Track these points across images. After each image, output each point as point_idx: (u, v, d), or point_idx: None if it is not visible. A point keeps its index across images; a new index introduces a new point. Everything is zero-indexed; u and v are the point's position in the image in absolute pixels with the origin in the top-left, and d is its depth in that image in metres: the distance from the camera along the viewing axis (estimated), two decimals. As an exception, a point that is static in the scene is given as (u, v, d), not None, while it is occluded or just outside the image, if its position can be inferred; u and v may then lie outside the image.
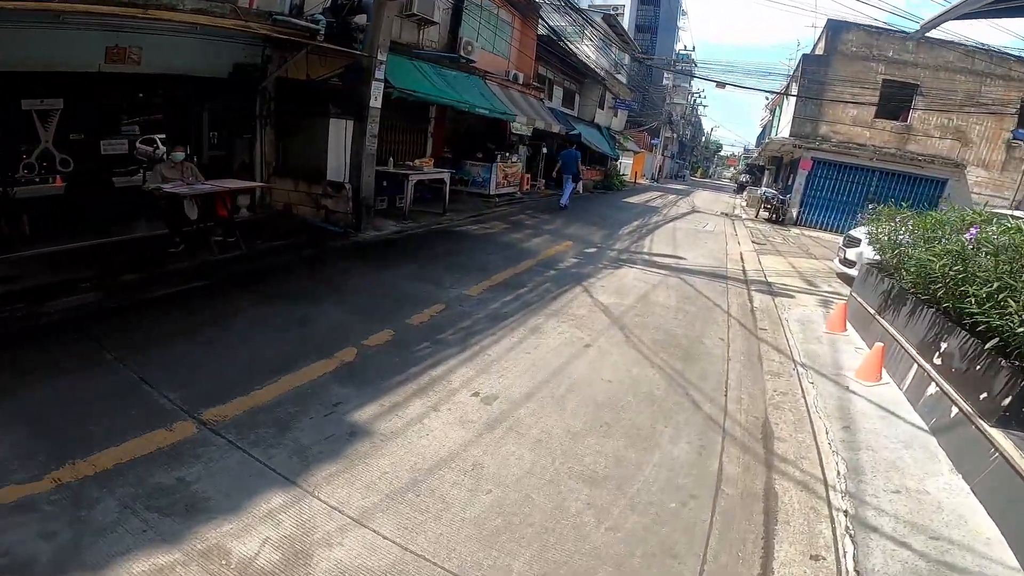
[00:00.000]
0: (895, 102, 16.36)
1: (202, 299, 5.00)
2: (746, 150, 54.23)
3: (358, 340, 4.31)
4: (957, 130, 16.30)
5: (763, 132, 36.85)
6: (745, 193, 31.01)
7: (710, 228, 14.25)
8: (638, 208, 17.00)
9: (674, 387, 4.16)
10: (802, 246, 13.31)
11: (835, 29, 16.46)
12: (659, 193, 25.39)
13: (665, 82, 38.67)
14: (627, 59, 32.52)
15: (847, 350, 5.58)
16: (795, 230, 16.74)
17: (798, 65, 17.56)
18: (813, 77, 16.53)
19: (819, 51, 17.16)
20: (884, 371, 4.87)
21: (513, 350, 4.48)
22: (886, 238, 5.94)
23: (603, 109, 26.26)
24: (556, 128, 16.21)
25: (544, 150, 17.46)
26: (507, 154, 13.85)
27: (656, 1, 43.11)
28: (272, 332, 4.36)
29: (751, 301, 7.06)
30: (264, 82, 9.59)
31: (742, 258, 10.34)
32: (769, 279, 8.61)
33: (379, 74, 8.43)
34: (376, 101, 8.57)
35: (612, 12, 28.27)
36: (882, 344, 4.87)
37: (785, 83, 19.86)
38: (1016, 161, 16.31)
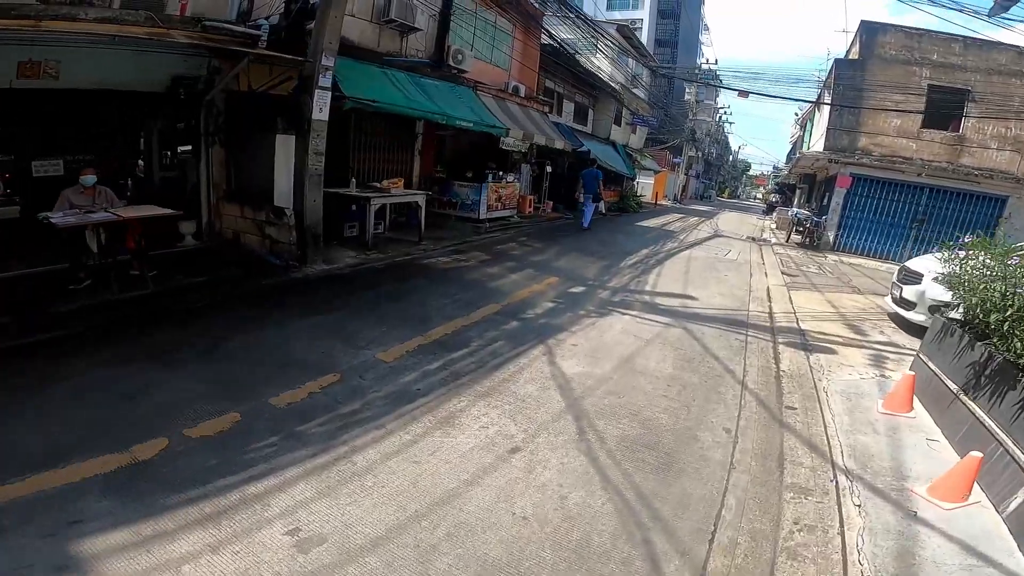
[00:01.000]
0: (944, 110, 14.40)
1: (45, 354, 3.94)
2: (775, 169, 51.91)
3: (182, 427, 3.06)
4: (1017, 140, 14.21)
5: (793, 149, 34.72)
6: (775, 214, 28.93)
7: (732, 256, 12.48)
8: (652, 233, 15.33)
9: (628, 529, 2.57)
10: (842, 277, 11.42)
11: (870, 31, 14.69)
12: (680, 215, 23.62)
13: (687, 97, 37.07)
14: (646, 73, 31.21)
15: (914, 443, 3.89)
16: (832, 256, 14.77)
17: (830, 71, 15.78)
18: (848, 84, 14.73)
19: (852, 56, 15.37)
20: (976, 484, 3.18)
21: (395, 456, 2.99)
22: (985, 285, 4.14)
23: (619, 126, 24.86)
24: (560, 144, 14.82)
25: (548, 168, 16.03)
26: (500, 173, 12.46)
27: (675, 15, 41.85)
28: (81, 409, 3.21)
29: (777, 361, 5.37)
30: (210, 95, 8.49)
31: (769, 295, 8.60)
32: (803, 325, 6.88)
33: (324, 81, 7.18)
34: (321, 113, 7.32)
35: (628, 25, 27.13)
36: (978, 456, 3.14)
37: (816, 93, 17.98)
38: (1089, 175, 14.08)
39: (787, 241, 16.63)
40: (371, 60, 9.38)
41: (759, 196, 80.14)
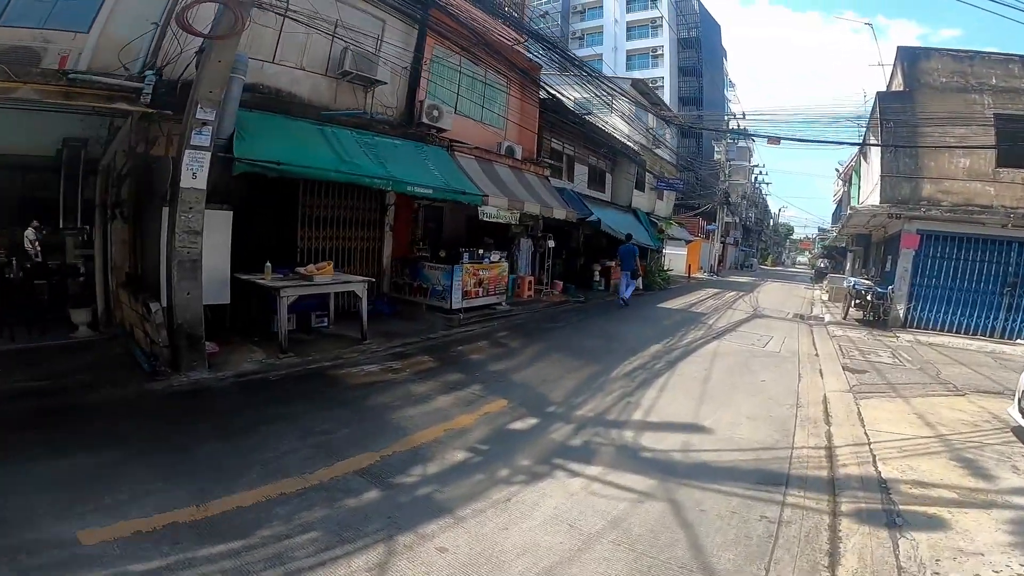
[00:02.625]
0: (1020, 143, 11.77)
1: None
2: (821, 231, 48.60)
3: None
4: None
5: (839, 207, 31.90)
6: (825, 283, 25.73)
7: (774, 346, 9.79)
8: (675, 317, 12.81)
9: None
10: (926, 367, 8.52)
11: (911, 58, 12.59)
12: (714, 291, 20.94)
13: (716, 156, 35.30)
14: (669, 134, 29.84)
15: None
16: (904, 336, 11.77)
17: (873, 108, 13.53)
18: (898, 120, 12.41)
19: (896, 87, 13.16)
20: None
21: None
22: None
23: (643, 191, 23.09)
24: (562, 213, 12.94)
25: (551, 243, 14.07)
26: (480, 252, 10.54)
27: (698, 72, 41.29)
28: None
29: (834, 565, 2.79)
30: (104, 160, 7.11)
31: (827, 412, 5.95)
32: (884, 468, 4.25)
33: (197, 139, 5.59)
34: (195, 179, 5.67)
35: (644, 81, 26.13)
36: None
37: (859, 134, 15.65)
38: None
39: (845, 318, 13.72)
40: (300, 115, 7.97)
41: (805, 261, 76.20)
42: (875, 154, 15.66)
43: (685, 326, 11.24)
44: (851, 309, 13.74)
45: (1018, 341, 12.00)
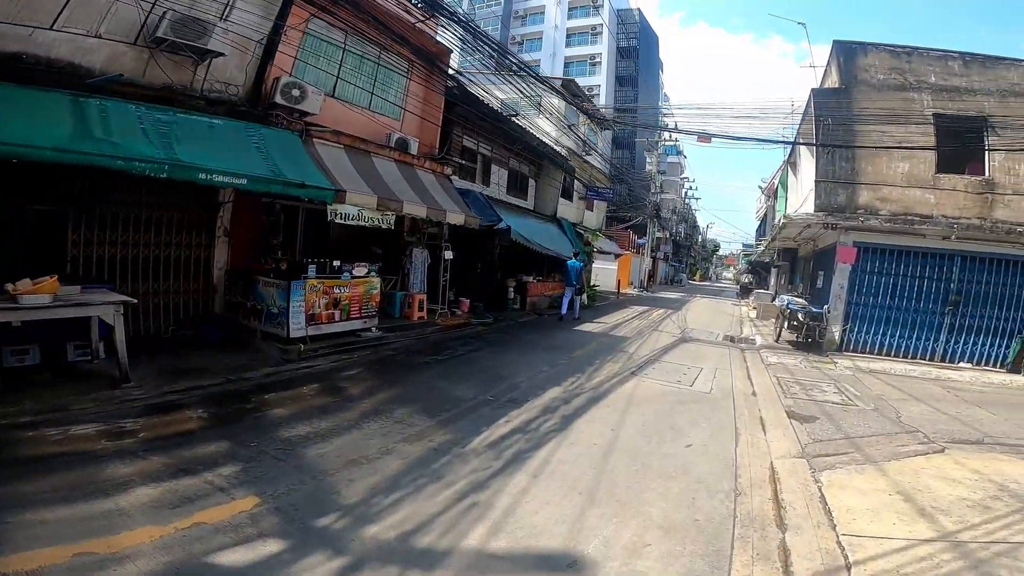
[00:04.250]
0: (959, 146, 10.83)
1: None
2: (745, 246, 49.44)
3: None
4: None
5: (763, 223, 31.84)
6: (752, 299, 25.05)
7: (704, 384, 7.89)
8: (592, 343, 10.81)
9: None
10: (882, 405, 6.88)
11: (847, 53, 11.44)
12: (643, 308, 19.38)
13: (648, 167, 34.60)
14: (601, 142, 28.64)
15: None
16: (843, 362, 10.37)
17: (808, 104, 12.31)
18: (833, 119, 11.17)
19: (831, 84, 11.99)
20: None
21: None
22: None
23: (570, 200, 21.38)
24: (459, 218, 10.71)
25: (448, 255, 11.82)
26: (337, 264, 8.08)
27: (634, 82, 41.14)
28: None
29: None
30: None
31: (777, 501, 3.97)
32: None
33: None
34: None
35: (573, 81, 24.74)
36: None
37: (795, 136, 14.50)
38: None
39: (778, 340, 12.29)
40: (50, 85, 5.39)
41: (730, 276, 78.49)
42: (806, 163, 14.61)
43: (601, 356, 9.23)
44: (783, 331, 12.36)
45: (961, 365, 10.92)
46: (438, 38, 11.55)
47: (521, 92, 16.27)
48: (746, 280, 34.28)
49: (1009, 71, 10.60)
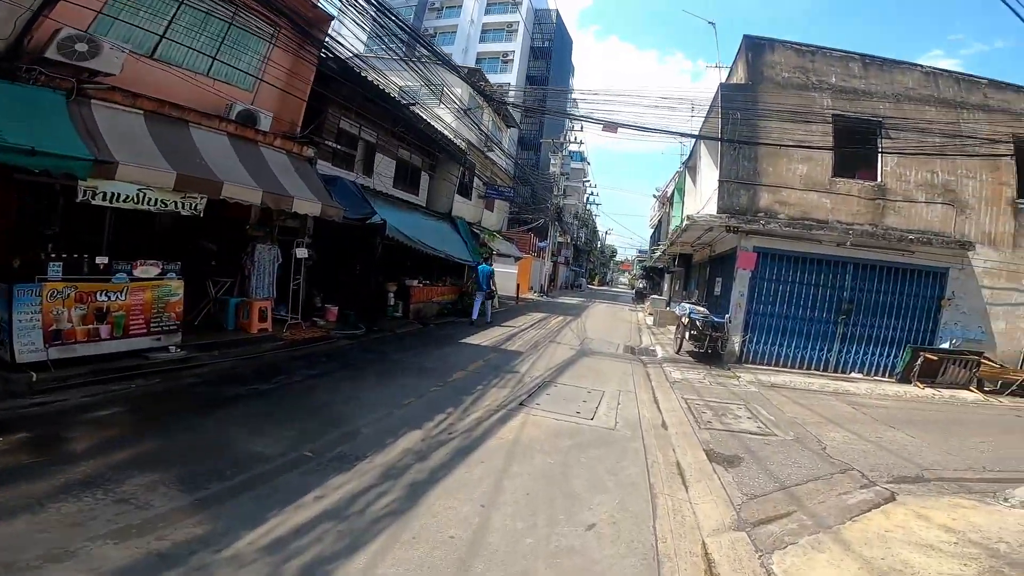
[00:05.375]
0: (855, 149, 10.67)
1: None
2: (640, 252, 51.12)
3: None
4: (946, 188, 10.70)
5: (656, 230, 32.48)
6: (648, 304, 25.06)
7: (606, 417, 6.46)
8: (476, 361, 9.08)
9: None
10: (801, 433, 5.87)
11: (755, 49, 10.92)
12: (541, 315, 18.16)
13: (552, 169, 34.01)
14: (507, 139, 27.39)
15: None
16: (745, 375, 9.65)
17: (715, 99, 11.66)
18: (740, 115, 10.54)
19: (738, 80, 11.46)
20: None
21: None
22: None
23: (468, 198, 19.72)
24: (312, 207, 8.55)
25: (302, 252, 9.59)
26: (104, 262, 5.65)
27: (545, 82, 40.70)
28: None
29: None
30: None
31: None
32: None
33: None
34: None
35: (479, 70, 23.23)
36: None
37: (701, 131, 13.89)
38: (1032, 232, 10.84)
39: (679, 352, 11.48)
40: None
41: (625, 281, 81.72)
42: (707, 167, 14.18)
43: (486, 380, 7.56)
44: (685, 341, 11.57)
45: (853, 375, 10.71)
46: (319, 2, 9.47)
47: (423, 79, 14.49)
48: (641, 286, 34.85)
49: (905, 75, 10.62)
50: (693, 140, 17.01)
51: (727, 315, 11.11)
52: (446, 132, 15.71)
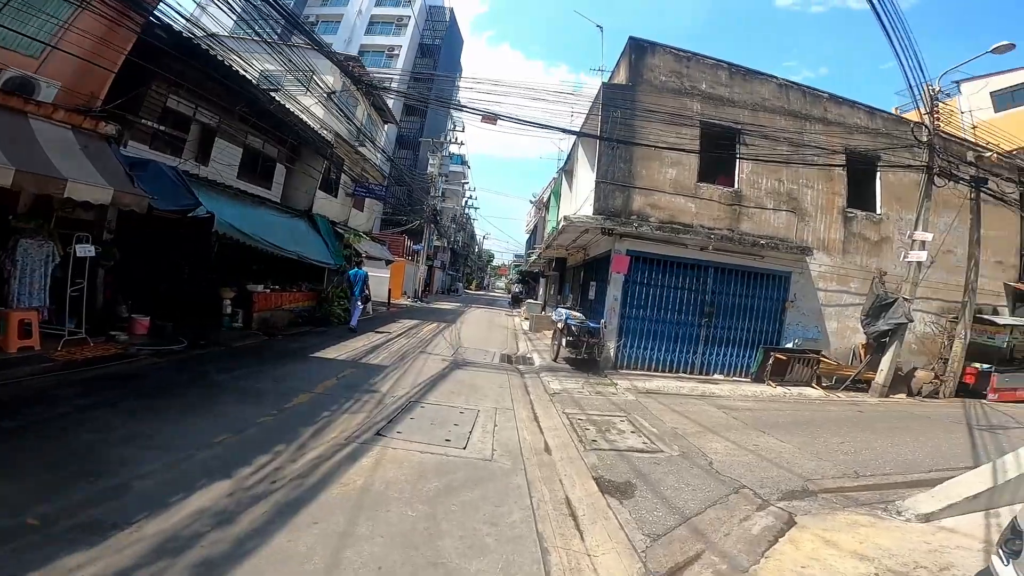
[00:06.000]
0: (719, 154, 11.13)
1: None
2: (516, 257, 51.80)
3: None
4: (790, 196, 11.58)
5: (533, 234, 32.83)
6: (524, 309, 25.00)
7: (481, 444, 5.51)
8: (327, 380, 7.59)
9: None
10: (686, 447, 5.47)
11: (639, 50, 10.89)
12: (413, 322, 16.85)
13: (431, 169, 32.64)
14: (383, 136, 25.52)
15: None
16: (622, 383, 9.42)
17: (597, 98, 11.41)
18: (620, 115, 10.40)
19: (620, 80, 11.37)
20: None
21: None
22: None
23: (333, 196, 17.78)
24: (97, 193, 6.53)
25: (85, 251, 7.38)
26: None
27: (430, 81, 39.10)
28: None
29: None
30: None
31: None
32: None
33: None
34: None
35: (356, 57, 21.13)
36: None
37: (582, 128, 13.61)
38: (856, 239, 12.16)
39: (556, 359, 11.05)
40: None
41: (502, 286, 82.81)
42: (584, 170, 14.08)
43: (337, 403, 6.23)
44: (562, 348, 11.16)
45: (716, 377, 11.09)
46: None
47: (286, 61, 12.53)
48: (517, 290, 34.94)
49: (763, 86, 11.30)
50: (570, 147, 17.11)
51: (602, 320, 10.90)
52: (311, 122, 13.84)
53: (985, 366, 11.93)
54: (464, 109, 12.20)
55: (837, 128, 11.51)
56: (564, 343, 10.90)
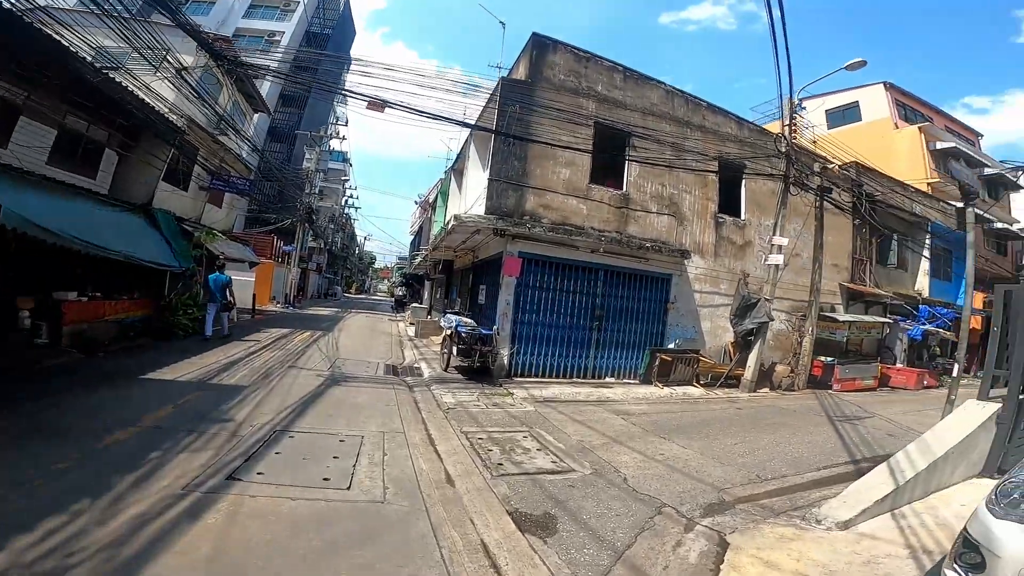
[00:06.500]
0: (608, 158, 11.22)
1: None
2: (400, 259, 49.84)
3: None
4: (671, 201, 12.05)
5: (417, 236, 31.61)
6: (409, 314, 23.79)
7: (368, 480, 4.59)
8: (159, 410, 6.02)
9: None
10: (596, 461, 5.05)
11: (540, 47, 10.54)
12: (283, 331, 14.94)
13: (307, 164, 29.79)
14: (253, 125, 22.65)
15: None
16: (518, 392, 8.95)
17: (494, 92, 10.82)
18: (519, 112, 9.93)
19: (518, 76, 10.91)
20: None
21: None
22: None
23: (183, 189, 15.17)
24: None
25: None
26: None
27: (313, 71, 35.76)
28: None
29: None
30: None
31: None
32: None
33: None
34: None
35: (222, 37, 18.19)
36: None
37: (477, 121, 12.86)
38: (725, 243, 13.04)
39: (447, 369, 10.28)
40: None
41: (385, 289, 79.73)
42: (475, 168, 13.47)
43: (170, 440, 4.86)
44: (453, 357, 10.41)
45: (608, 380, 11.10)
46: None
47: (131, 36, 10.16)
48: (400, 293, 33.42)
49: (652, 91, 11.57)
50: (461, 145, 16.46)
51: (495, 326, 10.35)
52: (156, 104, 11.51)
53: (829, 359, 13.49)
54: (350, 94, 10.93)
55: (712, 136, 12.25)
56: (455, 351, 10.15)
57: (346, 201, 49.89)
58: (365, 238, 63.67)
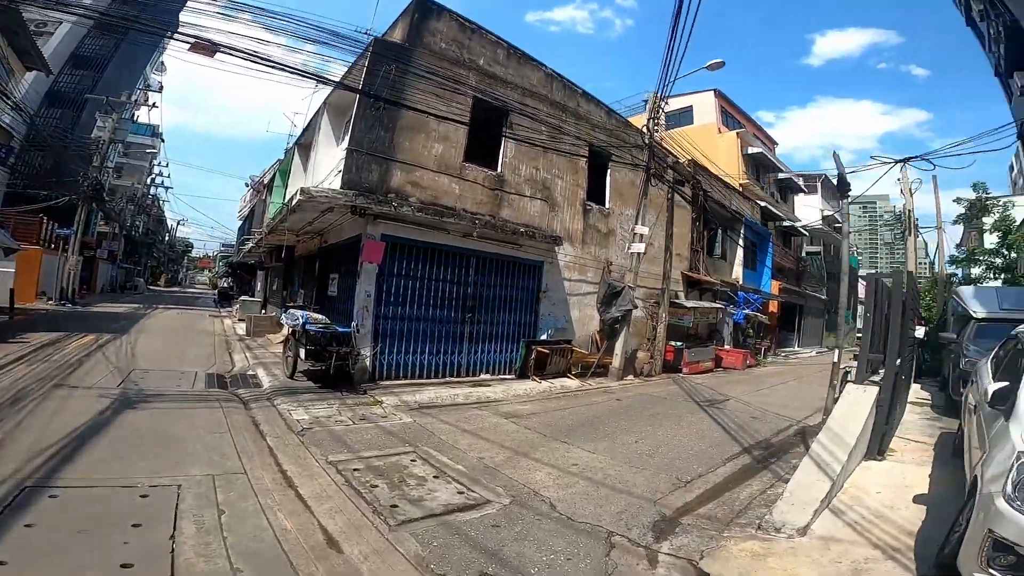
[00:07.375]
0: (483, 138, 10.28)
1: None
2: (225, 247, 43.21)
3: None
4: (544, 186, 11.60)
5: (247, 220, 27.33)
6: (236, 308, 20.30)
7: (205, 569, 3.07)
8: None
9: None
10: (511, 486, 4.11)
11: (424, 9, 9.17)
12: (52, 336, 11.11)
13: (98, 132, 23.69)
14: (24, 85, 17.18)
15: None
16: (388, 400, 7.59)
17: (364, 52, 8.98)
18: (392, 77, 8.38)
19: (394, 37, 9.25)
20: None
21: None
22: None
23: None
24: None
25: None
26: None
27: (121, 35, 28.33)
28: None
29: None
30: None
31: None
32: None
33: None
34: None
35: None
36: None
37: (342, 78, 10.69)
38: (592, 230, 13.05)
39: (293, 376, 8.42)
40: None
41: (206, 280, 69.42)
42: (327, 139, 11.46)
43: None
44: (300, 360, 8.54)
45: (483, 376, 10.20)
46: None
47: None
48: (225, 285, 28.77)
49: (533, 72, 10.84)
50: (309, 119, 14.16)
51: (354, 323, 8.75)
52: None
53: (678, 344, 14.37)
54: (166, 34, 8.31)
55: (585, 124, 12.03)
56: (303, 354, 8.32)
57: (153, 180, 41.76)
58: (179, 222, 53.81)
